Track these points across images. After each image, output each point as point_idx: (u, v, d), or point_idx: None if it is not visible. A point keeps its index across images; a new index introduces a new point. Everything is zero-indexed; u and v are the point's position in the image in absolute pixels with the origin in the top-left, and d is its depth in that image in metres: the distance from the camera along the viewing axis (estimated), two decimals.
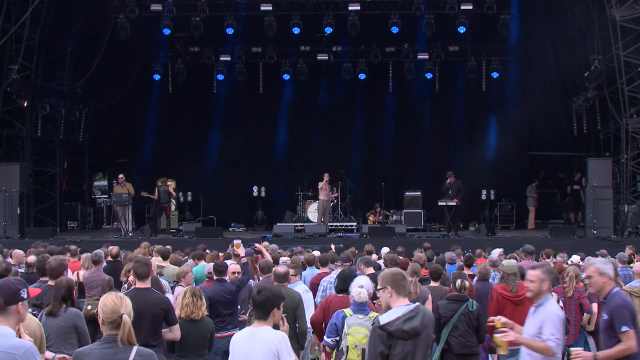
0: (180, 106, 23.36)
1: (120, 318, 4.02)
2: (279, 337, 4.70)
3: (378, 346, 4.54)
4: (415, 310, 4.61)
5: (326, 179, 20.22)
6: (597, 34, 18.57)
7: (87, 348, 4.16)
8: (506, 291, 7.51)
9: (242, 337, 4.83)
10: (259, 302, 4.79)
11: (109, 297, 4.12)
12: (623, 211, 17.85)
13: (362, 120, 23.49)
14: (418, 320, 4.57)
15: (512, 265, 7.80)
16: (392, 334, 4.52)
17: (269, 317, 4.77)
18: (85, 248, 12.62)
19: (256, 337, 4.72)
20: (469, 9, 19.93)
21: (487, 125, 23.51)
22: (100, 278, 9.31)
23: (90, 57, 20.50)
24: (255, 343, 4.69)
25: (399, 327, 4.52)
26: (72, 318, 5.94)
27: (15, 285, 4.06)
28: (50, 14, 18.97)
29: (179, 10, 20.42)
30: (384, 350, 4.52)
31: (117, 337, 4.01)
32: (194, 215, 22.45)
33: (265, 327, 4.76)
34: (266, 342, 4.67)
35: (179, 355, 6.57)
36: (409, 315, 4.57)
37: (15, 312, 3.99)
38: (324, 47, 22.87)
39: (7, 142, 19.37)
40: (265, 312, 4.77)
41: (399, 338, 4.52)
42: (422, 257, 10.02)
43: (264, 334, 4.71)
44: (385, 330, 4.53)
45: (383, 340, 4.53)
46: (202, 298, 6.62)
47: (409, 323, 4.54)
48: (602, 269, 5.60)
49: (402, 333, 4.52)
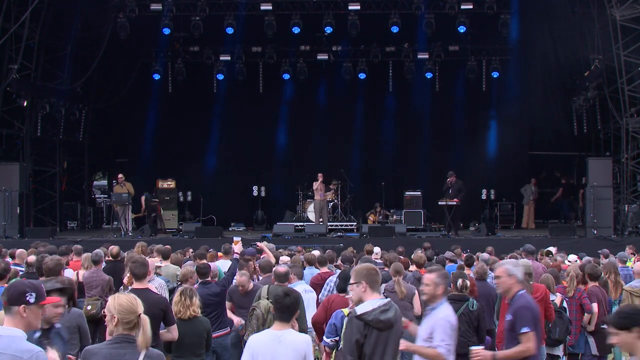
0: (180, 106, 23.34)
1: (138, 318, 3.97)
2: (307, 341, 4.83)
3: (354, 334, 4.65)
4: (389, 304, 4.77)
5: (320, 179, 20.26)
6: (597, 34, 18.56)
7: (95, 347, 4.12)
8: None
9: (266, 339, 4.82)
10: (287, 304, 4.84)
11: (122, 298, 4.06)
12: (623, 211, 17.83)
13: (362, 120, 23.47)
14: (392, 313, 4.72)
15: (528, 265, 7.74)
16: (368, 324, 4.64)
17: (291, 320, 4.88)
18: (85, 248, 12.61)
19: (282, 340, 4.75)
20: (469, 8, 19.91)
21: (487, 124, 23.51)
22: (100, 278, 9.30)
23: (90, 56, 20.48)
24: (282, 346, 4.72)
25: (376, 317, 4.65)
26: (75, 318, 5.94)
27: (23, 287, 3.90)
28: (50, 13, 18.94)
29: (178, 9, 20.40)
30: (360, 339, 4.63)
31: (128, 338, 3.96)
32: (194, 215, 22.43)
33: (289, 331, 4.84)
34: (294, 345, 4.74)
35: (175, 356, 6.56)
36: (384, 308, 4.71)
37: (19, 315, 3.82)
38: (324, 47, 22.86)
39: (6, 142, 19.35)
40: (291, 315, 4.87)
41: (374, 328, 4.65)
42: (422, 257, 10.02)
43: (291, 337, 4.78)
44: (363, 320, 4.65)
45: (360, 330, 4.64)
46: (192, 297, 6.59)
47: (385, 314, 4.68)
48: (511, 270, 5.66)
49: (378, 323, 4.65)
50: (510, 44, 22.00)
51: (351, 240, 17.89)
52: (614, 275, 9.42)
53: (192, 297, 6.61)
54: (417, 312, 8.32)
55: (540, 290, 7.59)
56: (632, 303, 8.59)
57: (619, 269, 10.29)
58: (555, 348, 7.94)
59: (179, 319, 6.47)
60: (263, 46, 22.76)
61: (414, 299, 8.34)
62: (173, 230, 20.86)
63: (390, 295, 7.91)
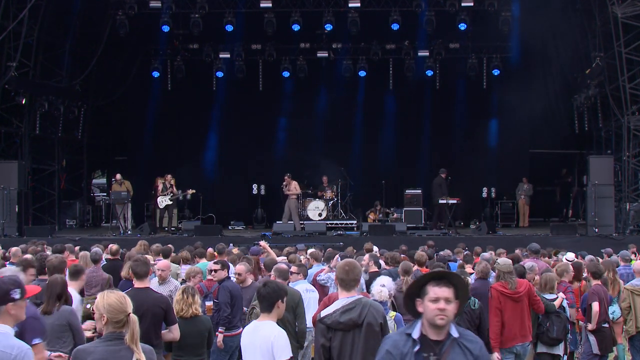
0: (179, 103, 23.28)
1: (127, 317, 3.99)
2: (275, 334, 4.79)
3: (319, 339, 4.67)
4: (354, 302, 4.70)
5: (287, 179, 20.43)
6: (598, 31, 18.51)
7: (90, 346, 4.12)
8: (505, 289, 7.57)
9: (248, 330, 5.04)
10: (264, 294, 4.92)
11: (112, 297, 4.06)
12: (624, 209, 17.77)
13: (362, 118, 23.42)
14: (356, 312, 4.64)
15: (508, 264, 7.84)
16: (329, 327, 4.62)
17: (273, 310, 4.89)
18: (84, 246, 12.56)
19: (258, 330, 4.88)
20: (470, 6, 19.82)
21: (488, 122, 23.45)
22: (100, 277, 9.26)
23: (89, 54, 20.42)
24: (257, 336, 4.84)
25: (335, 319, 4.63)
26: (65, 316, 5.89)
27: (6, 286, 4.00)
28: (48, 10, 18.86)
29: (178, 7, 20.32)
30: (325, 342, 4.63)
31: (119, 335, 3.98)
32: (194, 213, 22.37)
33: (267, 322, 4.88)
34: (264, 337, 4.79)
35: (176, 355, 6.51)
36: (348, 307, 4.67)
37: (6, 313, 3.94)
38: (324, 44, 22.79)
39: (5, 140, 19.27)
40: (270, 305, 4.89)
41: (337, 330, 4.62)
42: (424, 255, 9.96)
43: (264, 329, 4.85)
44: (324, 324, 4.64)
45: (323, 334, 4.65)
46: (194, 296, 6.54)
47: (347, 314, 4.63)
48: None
49: (337, 324, 4.61)
50: (511, 42, 21.93)
51: (351, 238, 17.83)
52: (612, 274, 9.41)
53: (194, 296, 6.58)
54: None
55: (523, 284, 7.70)
56: (633, 302, 8.57)
57: (621, 268, 10.26)
58: (555, 347, 7.90)
59: (180, 317, 6.42)
60: (263, 44, 22.70)
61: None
62: (172, 229, 20.77)
63: (397, 294, 7.85)
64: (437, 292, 3.52)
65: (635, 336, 8.70)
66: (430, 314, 3.52)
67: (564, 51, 21.22)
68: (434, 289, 3.54)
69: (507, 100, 22.72)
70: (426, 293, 3.55)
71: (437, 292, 3.52)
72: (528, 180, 22.21)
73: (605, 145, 20.37)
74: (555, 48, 21.63)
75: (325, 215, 20.95)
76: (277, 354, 4.71)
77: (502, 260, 8.10)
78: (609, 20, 17.37)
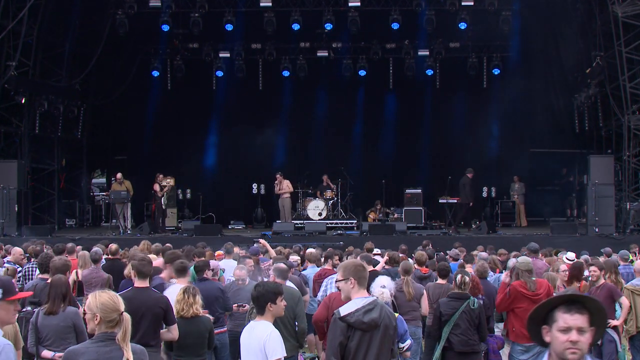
0: (179, 103, 23.25)
1: (120, 316, 3.98)
2: (268, 334, 4.91)
3: (337, 337, 4.62)
4: (373, 303, 4.72)
5: (279, 177, 20.64)
6: (598, 30, 18.48)
7: (82, 347, 4.10)
8: (524, 289, 7.46)
9: (246, 329, 5.18)
10: (254, 296, 5.09)
11: (104, 296, 4.05)
12: (625, 209, 17.74)
13: (362, 117, 23.40)
14: (377, 313, 4.66)
15: (527, 262, 7.72)
16: (351, 325, 4.60)
17: (265, 312, 5.01)
18: (84, 246, 12.53)
19: (253, 329, 5.04)
20: (470, 5, 19.80)
21: (488, 122, 23.41)
22: (100, 276, 9.25)
23: (88, 53, 20.39)
24: (252, 335, 5.00)
25: (358, 319, 4.61)
26: (71, 317, 5.89)
27: None
28: (48, 10, 18.84)
29: (177, 6, 20.31)
30: (343, 340, 4.61)
31: (112, 335, 3.96)
32: (193, 213, 22.35)
33: (262, 322, 5.01)
34: (257, 337, 4.93)
35: (177, 355, 6.48)
36: (369, 307, 4.66)
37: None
38: (324, 44, 22.77)
39: (5, 139, 19.25)
40: (261, 307, 5.03)
41: (357, 329, 4.61)
42: (424, 255, 9.95)
43: (258, 327, 5.00)
44: (346, 322, 4.61)
45: (343, 332, 4.62)
46: (195, 296, 6.51)
47: (369, 315, 4.63)
48: None
49: (361, 324, 4.60)
50: (511, 41, 21.90)
51: (351, 238, 17.81)
52: (614, 276, 9.36)
53: (195, 296, 6.54)
54: (424, 312, 8.24)
55: (543, 285, 7.60)
56: (633, 301, 8.54)
57: (621, 267, 10.23)
58: None
59: (181, 317, 6.39)
60: (263, 43, 22.67)
61: (422, 299, 8.23)
62: (172, 228, 20.76)
63: (398, 294, 7.83)
64: (567, 320, 2.96)
65: (635, 336, 8.68)
66: (560, 347, 2.97)
67: (564, 50, 21.19)
68: (563, 317, 2.98)
69: (507, 100, 22.73)
70: (555, 320, 3.00)
71: (567, 321, 2.96)
72: (519, 179, 22.21)
73: (606, 145, 20.34)
74: (556, 47, 21.60)
75: (325, 214, 20.93)
76: (269, 353, 4.83)
77: (522, 259, 7.97)
78: (609, 19, 17.34)
